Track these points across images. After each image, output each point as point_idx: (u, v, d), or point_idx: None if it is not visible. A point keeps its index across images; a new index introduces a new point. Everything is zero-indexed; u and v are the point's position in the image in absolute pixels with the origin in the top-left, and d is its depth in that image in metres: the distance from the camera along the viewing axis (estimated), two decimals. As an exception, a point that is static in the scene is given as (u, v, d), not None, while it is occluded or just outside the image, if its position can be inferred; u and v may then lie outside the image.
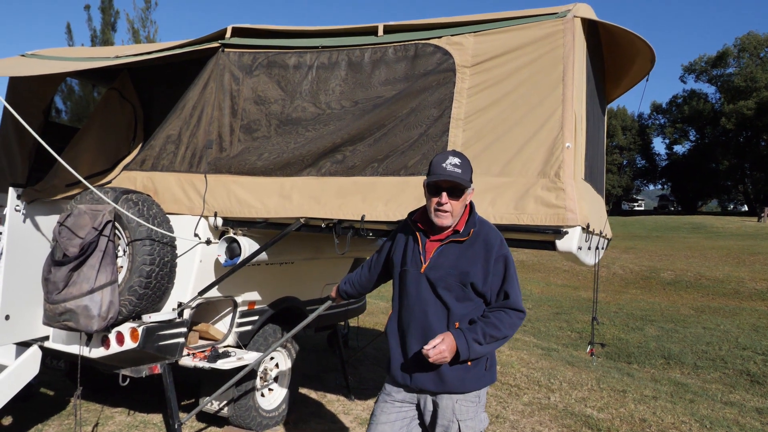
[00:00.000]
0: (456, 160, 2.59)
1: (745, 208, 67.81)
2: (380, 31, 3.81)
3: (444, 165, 2.57)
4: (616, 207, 71.37)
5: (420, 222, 2.74)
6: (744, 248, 22.69)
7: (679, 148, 68.54)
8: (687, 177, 65.02)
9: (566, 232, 3.11)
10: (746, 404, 6.86)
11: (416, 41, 3.68)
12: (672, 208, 72.92)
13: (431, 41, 3.64)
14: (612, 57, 4.34)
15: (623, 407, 6.10)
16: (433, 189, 2.61)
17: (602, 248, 4.25)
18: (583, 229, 3.16)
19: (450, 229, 2.64)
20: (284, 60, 4.03)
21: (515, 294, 2.60)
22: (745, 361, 8.91)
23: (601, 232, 3.91)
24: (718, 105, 59.78)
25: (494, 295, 2.60)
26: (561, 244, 3.15)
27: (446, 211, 2.58)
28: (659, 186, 77.19)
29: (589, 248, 3.58)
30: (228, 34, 4.22)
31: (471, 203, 2.71)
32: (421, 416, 2.72)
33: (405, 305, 2.70)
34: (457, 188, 2.57)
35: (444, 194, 2.57)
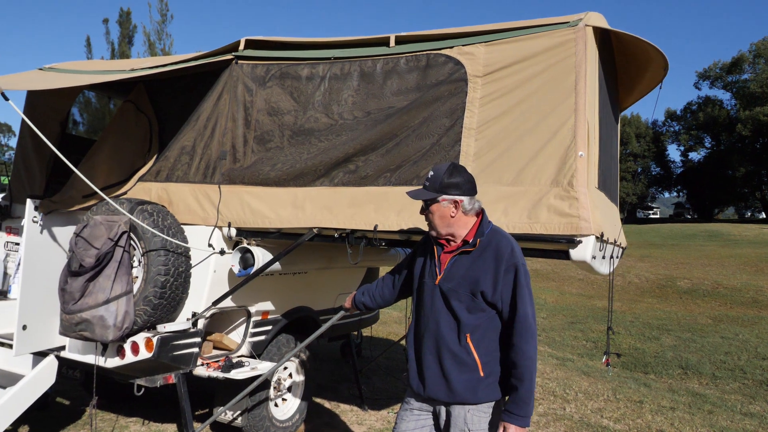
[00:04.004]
0: (429, 174, 2.71)
1: (763, 215, 66.99)
2: (392, 42, 3.83)
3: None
4: (630, 215, 70.78)
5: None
6: (762, 256, 22.39)
7: (694, 155, 68.05)
8: (703, 184, 64.40)
9: (580, 242, 3.09)
10: (767, 415, 6.75)
11: (428, 51, 3.69)
12: (688, 216, 72.21)
13: (443, 51, 3.65)
14: (625, 65, 4.33)
15: (640, 418, 6.03)
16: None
17: (617, 257, 4.22)
18: (597, 238, 3.14)
19: (460, 241, 2.67)
20: (297, 71, 4.06)
21: (525, 308, 2.55)
22: (765, 371, 8.78)
23: (615, 241, 3.88)
24: (734, 111, 59.27)
25: (506, 306, 2.59)
26: (575, 253, 3.13)
27: (429, 224, 2.74)
28: (674, 194, 76.52)
29: (604, 257, 3.56)
30: (241, 46, 4.27)
31: (483, 213, 2.71)
32: (437, 424, 2.76)
33: (421, 316, 2.76)
34: (425, 203, 2.71)
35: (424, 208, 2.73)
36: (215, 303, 4.07)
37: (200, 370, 4.16)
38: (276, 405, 4.79)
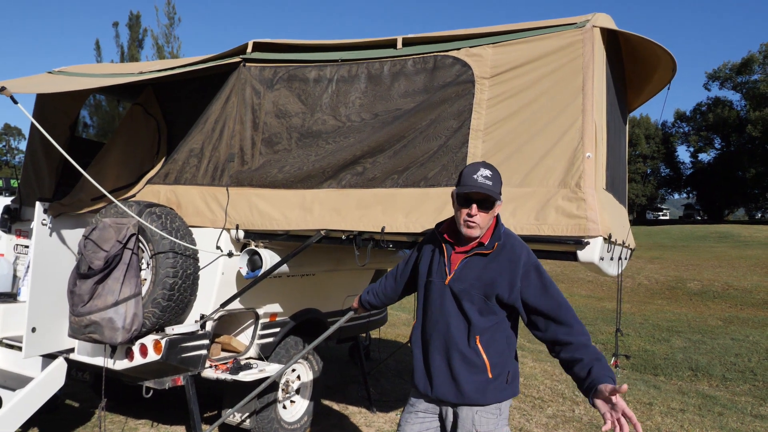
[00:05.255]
0: (487, 172, 2.59)
1: (773, 216, 66.55)
2: (399, 44, 3.83)
3: (475, 177, 2.57)
4: (640, 216, 70.44)
5: (447, 233, 2.74)
6: (773, 257, 22.22)
7: (704, 157, 67.69)
8: (713, 185, 64.04)
9: (588, 243, 3.08)
10: (777, 418, 6.69)
11: (435, 53, 3.69)
12: (698, 217, 71.81)
13: (450, 53, 3.65)
14: (633, 66, 4.31)
15: (650, 420, 6.00)
16: (463, 200, 2.60)
17: (625, 258, 4.20)
18: (604, 239, 3.13)
19: (475, 242, 2.64)
20: (304, 73, 4.07)
21: (560, 300, 2.55)
22: (775, 374, 8.71)
23: (623, 242, 3.87)
24: (744, 112, 58.92)
25: (539, 304, 2.55)
26: (583, 254, 3.11)
27: (475, 223, 2.58)
28: (684, 195, 76.10)
29: (612, 258, 3.54)
30: (249, 49, 4.28)
31: (497, 216, 2.71)
32: (443, 427, 2.73)
33: (429, 316, 2.72)
34: (487, 200, 2.57)
35: (474, 206, 2.56)
36: (223, 305, 4.08)
37: (208, 372, 4.17)
38: (284, 407, 4.80)
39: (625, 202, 4.56)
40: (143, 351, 3.81)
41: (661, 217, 75.97)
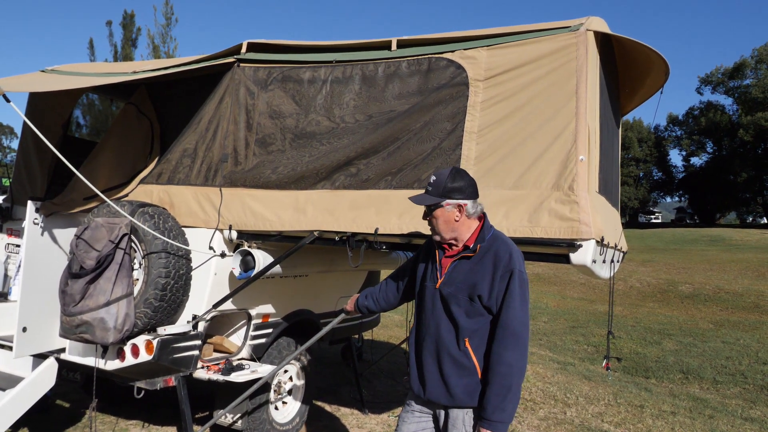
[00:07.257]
0: (432, 179, 2.71)
1: (765, 220, 66.99)
2: (393, 46, 3.84)
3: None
4: (632, 219, 70.73)
5: None
6: (764, 261, 22.35)
7: (696, 160, 67.99)
8: (704, 189, 64.34)
9: (580, 246, 3.10)
10: (767, 420, 6.73)
11: (429, 55, 3.70)
12: (689, 221, 72.15)
13: (444, 55, 3.65)
14: (626, 70, 4.33)
15: (641, 423, 6.02)
16: None
17: (618, 261, 4.22)
18: (597, 242, 3.14)
19: (461, 245, 2.68)
20: (299, 74, 4.06)
21: (511, 313, 2.53)
22: (765, 376, 8.76)
23: (616, 245, 3.88)
24: (736, 116, 59.23)
25: (498, 311, 2.58)
26: (575, 257, 3.13)
27: (432, 229, 2.72)
28: (676, 198, 76.44)
29: (604, 261, 3.56)
30: (243, 49, 4.27)
31: (484, 218, 2.72)
32: (437, 426, 2.78)
33: (422, 319, 2.78)
34: (429, 208, 2.70)
35: (424, 212, 2.75)
36: (216, 306, 4.07)
37: (200, 373, 4.16)
38: (276, 408, 4.79)
39: (617, 205, 4.58)
40: (135, 351, 3.80)
41: (653, 221, 76.24)
